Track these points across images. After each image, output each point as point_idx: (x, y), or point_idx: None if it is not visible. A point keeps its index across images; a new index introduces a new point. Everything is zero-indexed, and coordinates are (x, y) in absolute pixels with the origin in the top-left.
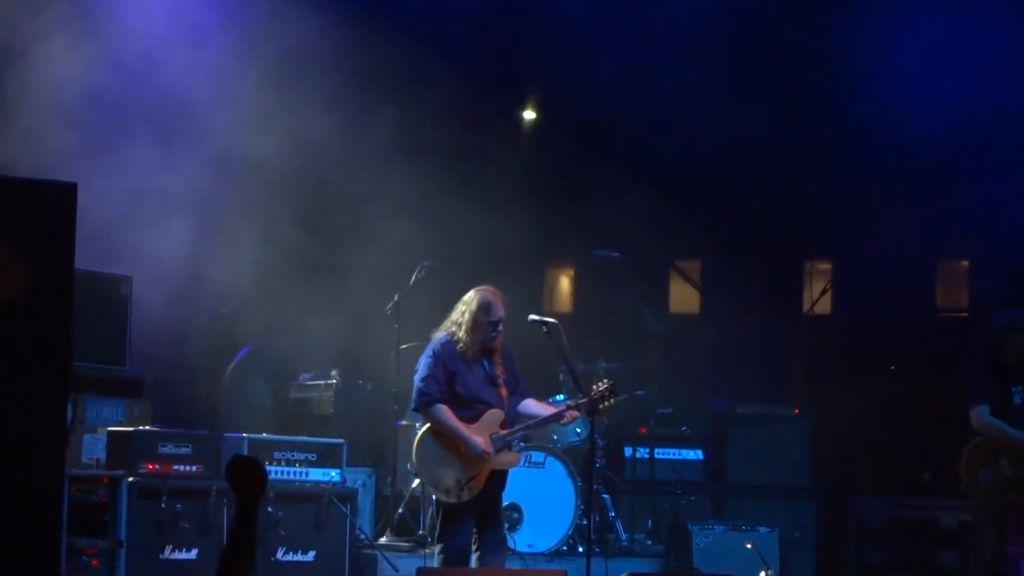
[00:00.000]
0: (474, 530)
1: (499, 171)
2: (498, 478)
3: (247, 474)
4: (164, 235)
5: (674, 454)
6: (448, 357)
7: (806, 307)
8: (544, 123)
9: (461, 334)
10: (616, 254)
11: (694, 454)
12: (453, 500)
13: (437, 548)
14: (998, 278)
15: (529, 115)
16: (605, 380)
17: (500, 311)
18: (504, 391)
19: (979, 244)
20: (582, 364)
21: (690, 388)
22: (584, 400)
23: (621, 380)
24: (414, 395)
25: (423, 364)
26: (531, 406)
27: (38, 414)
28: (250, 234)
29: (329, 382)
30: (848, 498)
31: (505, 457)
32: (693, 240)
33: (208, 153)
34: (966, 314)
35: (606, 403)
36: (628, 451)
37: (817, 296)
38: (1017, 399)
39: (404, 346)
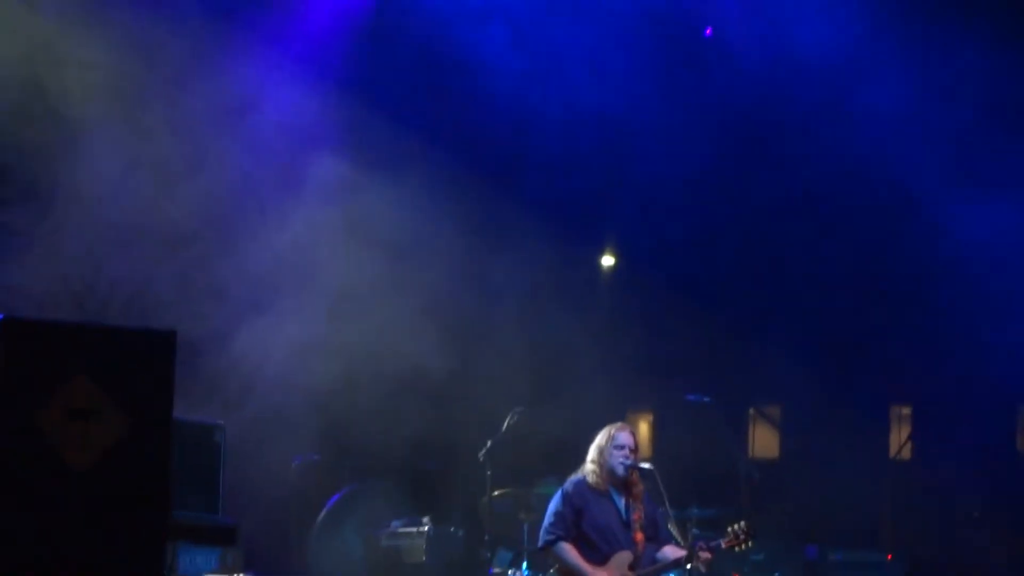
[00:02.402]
0: None
1: (579, 317)
2: None
3: None
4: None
5: None
6: (576, 496)
7: (892, 452)
8: (622, 268)
9: (590, 467)
10: (708, 399)
11: None
12: None
13: None
14: None
15: (608, 260)
16: (742, 522)
17: (626, 439)
18: (639, 536)
19: None
20: (673, 510)
21: (779, 534)
22: (718, 542)
23: (714, 527)
24: (541, 534)
25: (552, 503)
26: (669, 551)
27: (135, 562)
28: (338, 381)
29: (421, 529)
30: None
31: None
32: (772, 384)
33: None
34: None
35: (743, 546)
36: None
37: (903, 441)
38: None
39: (496, 492)
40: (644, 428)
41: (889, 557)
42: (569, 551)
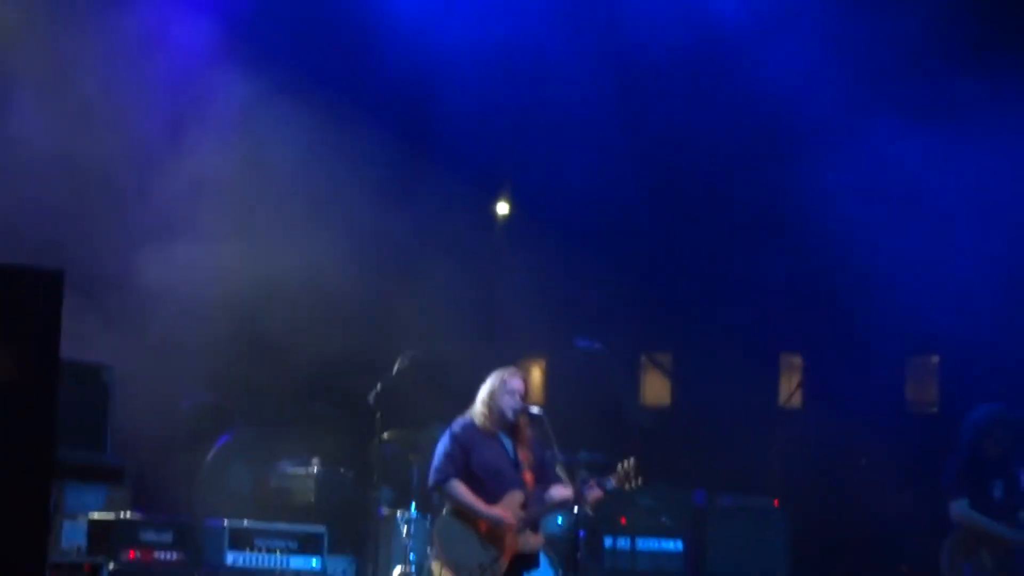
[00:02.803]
0: None
1: (472, 262)
2: (523, 560)
3: None
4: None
5: (654, 544)
6: (464, 436)
7: (782, 400)
8: (517, 215)
9: (478, 410)
10: (599, 345)
11: (674, 544)
12: None
13: None
14: (968, 374)
15: (502, 208)
16: (631, 459)
17: (518, 384)
18: (529, 475)
19: (949, 340)
20: (562, 454)
21: (668, 479)
22: (608, 479)
23: (603, 471)
24: (431, 474)
25: (440, 444)
26: (559, 490)
27: (21, 501)
28: (232, 320)
29: (310, 470)
30: None
31: (529, 538)
32: (664, 332)
33: (175, 251)
34: (936, 409)
35: (631, 483)
36: (608, 541)
37: (793, 390)
38: (997, 492)
39: (385, 435)
40: (536, 374)
41: (776, 503)
42: (461, 488)
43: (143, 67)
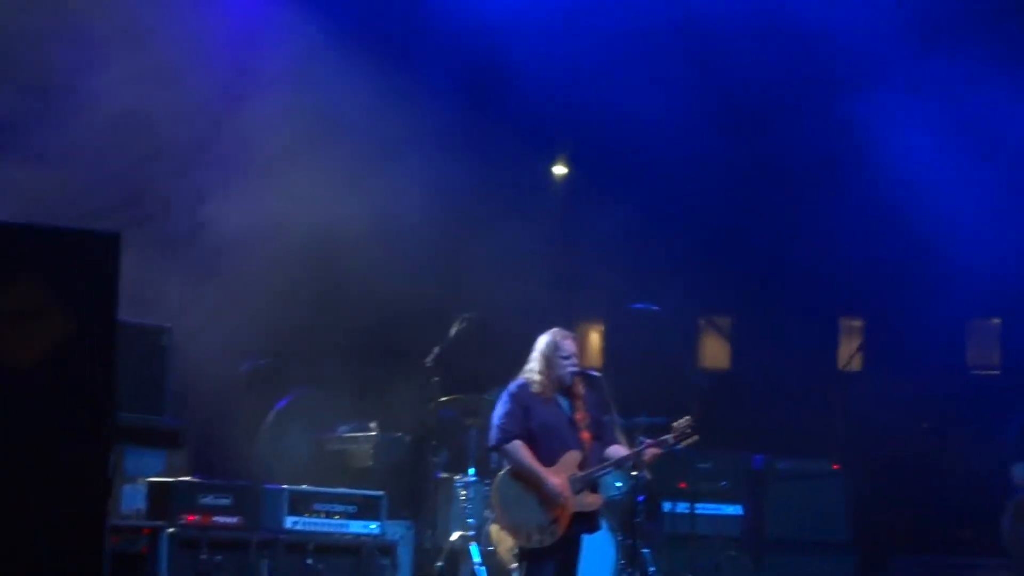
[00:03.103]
0: None
1: (530, 225)
2: (582, 521)
3: None
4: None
5: (713, 509)
6: (523, 396)
7: (841, 364)
8: (575, 178)
9: (535, 376)
10: (656, 308)
11: (733, 509)
12: (534, 545)
13: None
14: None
15: (560, 170)
16: (687, 416)
17: (569, 347)
18: (586, 435)
19: (1010, 302)
20: (622, 419)
21: (728, 443)
22: (665, 437)
23: (662, 435)
24: (491, 433)
25: (499, 404)
26: (616, 450)
27: (81, 464)
28: (288, 286)
29: (368, 434)
30: (887, 556)
31: (587, 498)
32: (724, 295)
33: (241, 205)
34: (998, 372)
35: (688, 440)
36: (667, 506)
37: (853, 354)
38: None
39: (444, 399)
40: (595, 338)
41: (836, 467)
42: (522, 449)
43: (206, 22)
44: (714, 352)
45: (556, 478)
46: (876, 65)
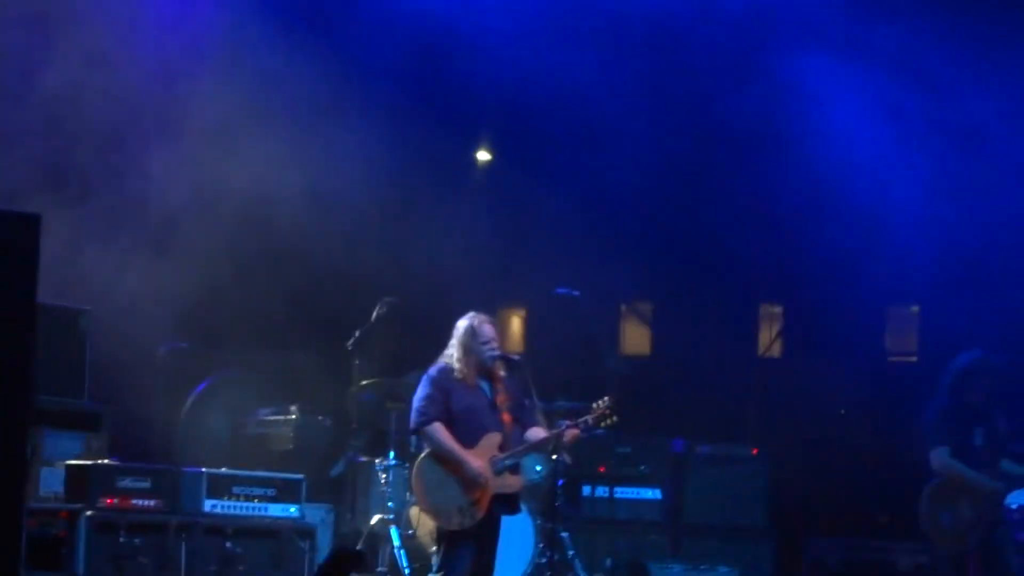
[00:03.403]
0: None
1: (451, 210)
2: (503, 503)
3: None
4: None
5: (633, 493)
6: (443, 380)
7: (761, 350)
8: (497, 164)
9: (455, 362)
10: (577, 293)
11: (652, 493)
12: (454, 527)
13: None
14: (947, 323)
15: (483, 156)
16: (606, 398)
17: (488, 331)
18: (507, 417)
19: (929, 289)
20: (541, 403)
21: (647, 428)
22: (585, 419)
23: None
24: (412, 416)
25: (420, 388)
26: (537, 432)
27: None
28: (207, 266)
29: (288, 417)
30: (805, 539)
31: (507, 480)
32: (645, 282)
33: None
34: (915, 358)
35: (608, 421)
36: (587, 489)
37: (772, 340)
38: (978, 440)
39: (364, 382)
40: (516, 323)
41: (755, 452)
42: (442, 431)
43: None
44: (635, 338)
45: (477, 460)
46: (804, 36)
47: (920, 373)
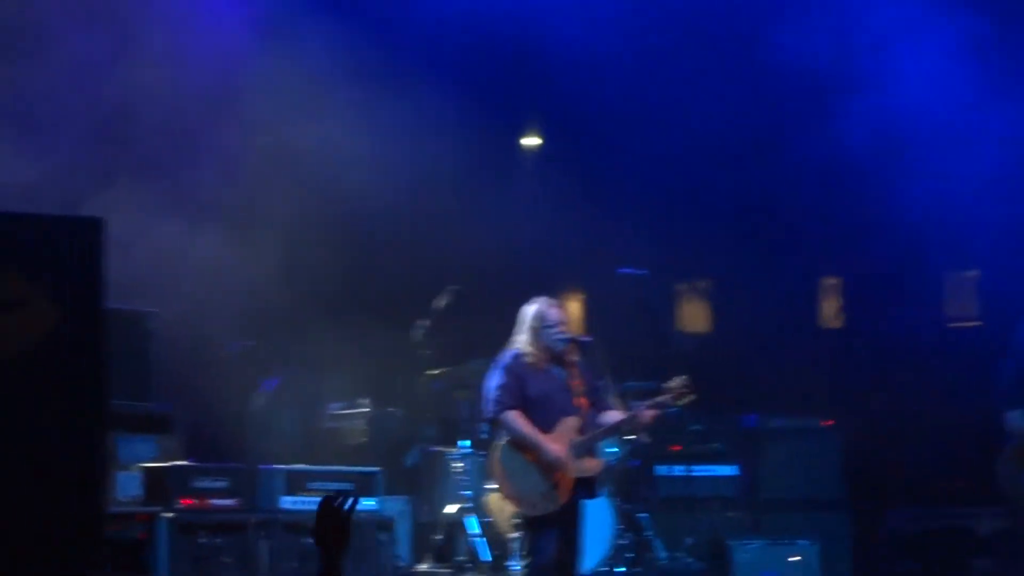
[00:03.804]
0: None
1: (504, 196)
2: (583, 486)
3: (335, 529)
4: (187, 266)
5: (708, 471)
6: (516, 367)
7: (822, 322)
8: (546, 146)
9: (525, 347)
10: (644, 272)
11: (728, 470)
12: (538, 513)
13: (524, 563)
14: (1007, 286)
15: (531, 140)
16: (683, 376)
17: (556, 315)
18: (583, 401)
19: (988, 254)
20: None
21: (717, 405)
22: (663, 398)
23: (656, 397)
24: (487, 405)
25: (493, 377)
26: (613, 415)
27: (76, 453)
28: (272, 265)
29: (360, 410)
30: (882, 510)
31: (587, 463)
32: (702, 259)
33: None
34: (978, 322)
35: (685, 399)
36: (661, 469)
37: (833, 311)
38: None
39: (433, 372)
40: (575, 306)
41: (828, 423)
42: (519, 419)
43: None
44: (694, 315)
45: (556, 445)
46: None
47: (982, 337)
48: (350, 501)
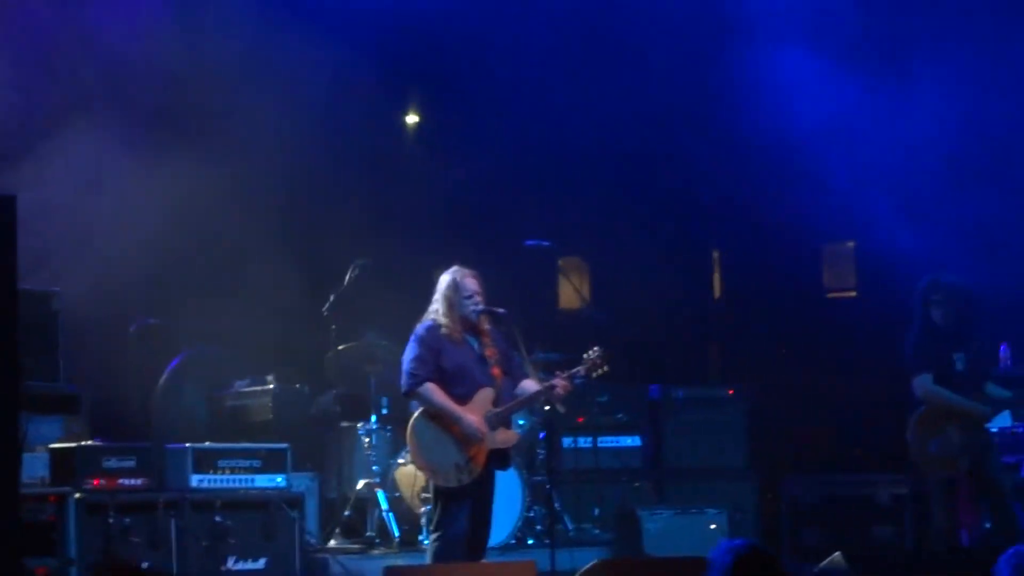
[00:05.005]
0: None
1: (388, 172)
2: (497, 458)
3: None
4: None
5: (613, 442)
6: (431, 339)
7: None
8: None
9: (440, 318)
10: (548, 243)
11: (632, 440)
12: (452, 484)
13: (433, 536)
14: (882, 257)
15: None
16: (596, 348)
17: (471, 285)
18: (496, 371)
19: (862, 225)
20: None
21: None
22: (577, 369)
23: (558, 369)
24: (403, 379)
25: (409, 349)
26: (528, 385)
27: None
28: (177, 242)
29: (266, 387)
30: (782, 478)
31: (502, 435)
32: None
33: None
34: (854, 293)
35: (600, 371)
36: (567, 441)
37: (717, 281)
38: (959, 365)
39: (342, 347)
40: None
41: (731, 392)
42: (435, 391)
43: None
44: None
45: (473, 416)
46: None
47: (859, 308)
48: None
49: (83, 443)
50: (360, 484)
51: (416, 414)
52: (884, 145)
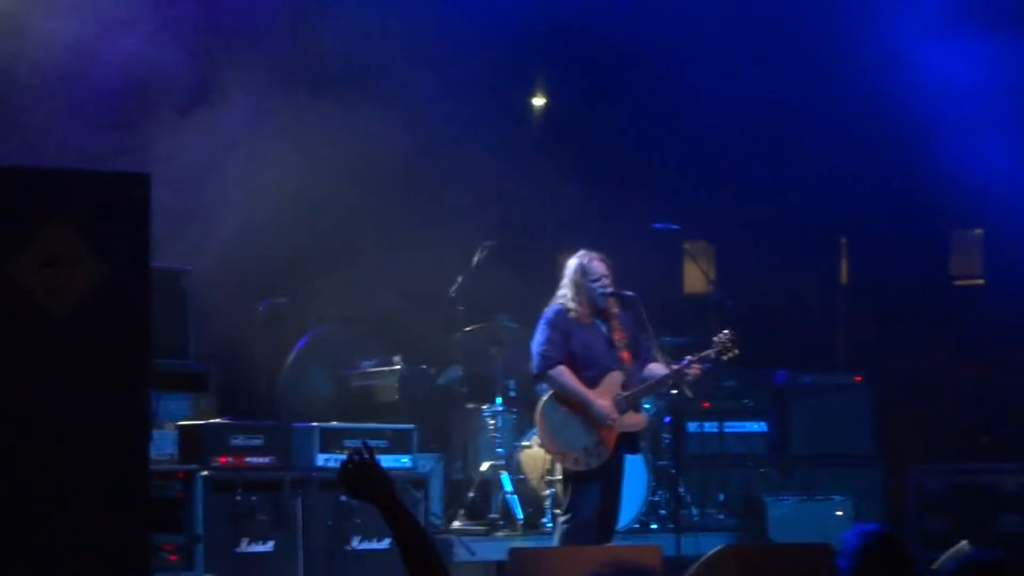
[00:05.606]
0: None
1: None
2: (626, 441)
3: (364, 480)
4: (216, 223)
5: (738, 427)
6: (561, 322)
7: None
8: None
9: (569, 302)
10: (676, 227)
11: (758, 426)
12: (581, 468)
13: (563, 519)
14: (1011, 245)
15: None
16: (726, 331)
17: (599, 269)
18: (626, 355)
19: (991, 213)
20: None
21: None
22: (707, 352)
23: (685, 356)
24: (534, 361)
25: (539, 332)
26: (656, 368)
27: (121, 410)
28: (304, 222)
29: (393, 368)
30: (909, 466)
31: (631, 418)
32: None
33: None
34: (981, 281)
35: (730, 354)
36: (692, 426)
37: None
38: None
39: (469, 328)
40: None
41: (858, 379)
42: (566, 374)
43: None
44: (694, 277)
45: (602, 400)
46: None
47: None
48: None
49: (211, 421)
50: (485, 466)
51: (545, 397)
52: (1015, 132)
